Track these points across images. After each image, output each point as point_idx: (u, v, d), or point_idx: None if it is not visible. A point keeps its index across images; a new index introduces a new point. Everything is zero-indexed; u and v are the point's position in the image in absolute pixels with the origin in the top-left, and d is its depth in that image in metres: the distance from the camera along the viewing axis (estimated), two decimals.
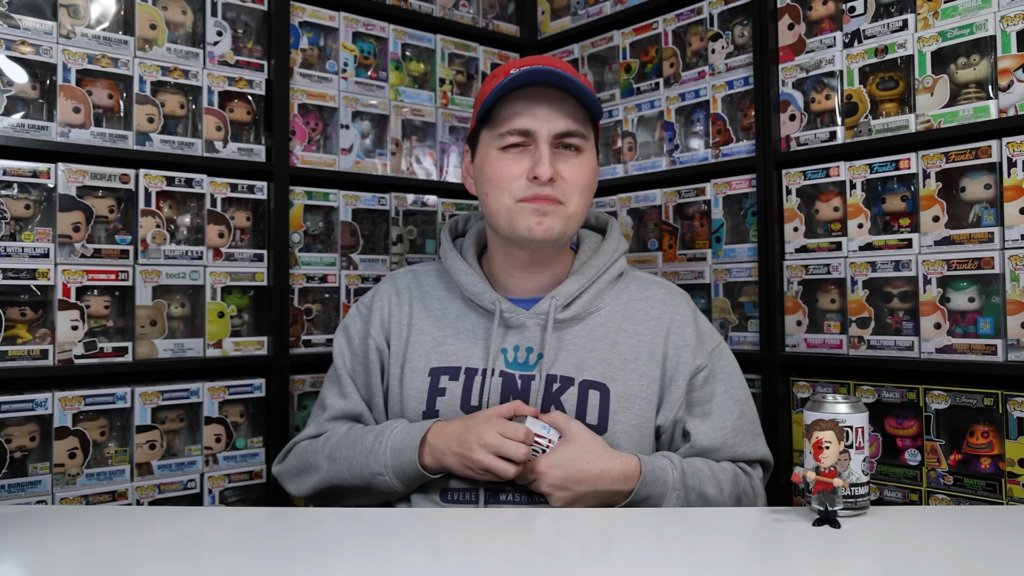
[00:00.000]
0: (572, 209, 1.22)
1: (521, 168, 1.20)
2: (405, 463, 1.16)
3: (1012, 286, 1.42)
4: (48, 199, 1.55)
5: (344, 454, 1.22)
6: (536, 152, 1.19)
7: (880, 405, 1.60)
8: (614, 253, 1.31)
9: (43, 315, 1.54)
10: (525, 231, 1.20)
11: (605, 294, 1.29)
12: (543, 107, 1.21)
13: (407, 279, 1.37)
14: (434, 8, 2.11)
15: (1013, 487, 1.41)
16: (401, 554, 0.93)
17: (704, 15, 1.92)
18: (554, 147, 1.21)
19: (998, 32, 1.46)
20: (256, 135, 1.83)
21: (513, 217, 1.20)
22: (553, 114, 1.20)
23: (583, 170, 1.23)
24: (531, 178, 1.19)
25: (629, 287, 1.32)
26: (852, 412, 1.02)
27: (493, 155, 1.23)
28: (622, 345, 1.25)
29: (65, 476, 1.53)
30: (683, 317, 1.29)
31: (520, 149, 1.21)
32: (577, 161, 1.23)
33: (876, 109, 1.64)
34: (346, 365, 1.35)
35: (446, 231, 1.38)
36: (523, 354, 1.23)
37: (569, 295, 1.25)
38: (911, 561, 0.89)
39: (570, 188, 1.21)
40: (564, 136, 1.21)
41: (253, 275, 1.78)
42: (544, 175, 1.18)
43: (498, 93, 1.20)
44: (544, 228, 1.19)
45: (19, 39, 1.52)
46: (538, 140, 1.20)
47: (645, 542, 0.98)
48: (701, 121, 1.96)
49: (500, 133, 1.22)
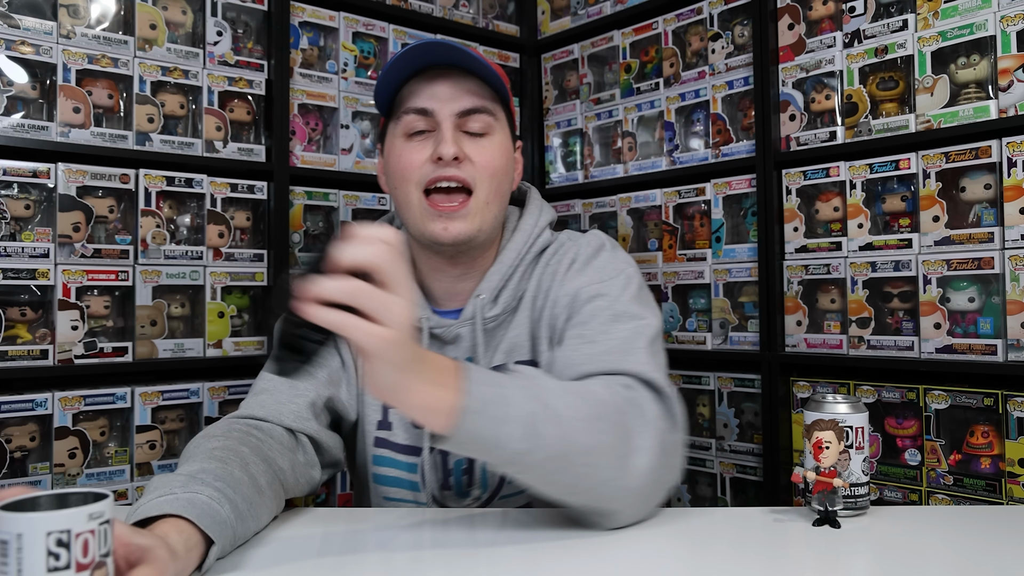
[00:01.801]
0: (483, 199, 1.11)
1: (424, 155, 1.10)
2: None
3: (1012, 286, 1.42)
4: (48, 199, 1.55)
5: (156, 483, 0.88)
6: (439, 133, 1.10)
7: (880, 405, 1.60)
8: (532, 229, 1.19)
9: (43, 315, 1.54)
10: (432, 235, 1.10)
11: (529, 274, 1.17)
12: (443, 86, 1.11)
13: None
14: (434, 8, 2.11)
15: (1013, 487, 1.41)
16: (402, 554, 0.93)
17: (704, 15, 1.92)
18: (460, 130, 1.12)
19: (998, 32, 1.46)
20: (256, 135, 1.83)
21: (420, 219, 1.11)
22: (455, 93, 1.11)
23: (493, 152, 1.12)
24: (435, 160, 1.09)
25: (549, 258, 1.18)
26: (852, 412, 1.02)
27: (398, 145, 1.14)
28: (546, 313, 1.14)
29: (65, 476, 1.53)
30: (582, 254, 1.15)
31: (424, 136, 1.12)
32: (486, 142, 1.12)
33: (876, 109, 1.64)
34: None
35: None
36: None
37: (494, 289, 1.14)
38: (911, 561, 0.89)
39: (478, 172, 1.10)
40: (469, 114, 1.11)
41: (253, 275, 1.78)
42: (448, 154, 1.08)
43: (387, 75, 1.11)
44: (452, 234, 1.09)
45: (19, 39, 1.52)
46: (440, 121, 1.10)
47: (645, 541, 0.98)
48: (701, 121, 1.96)
49: (399, 117, 1.13)
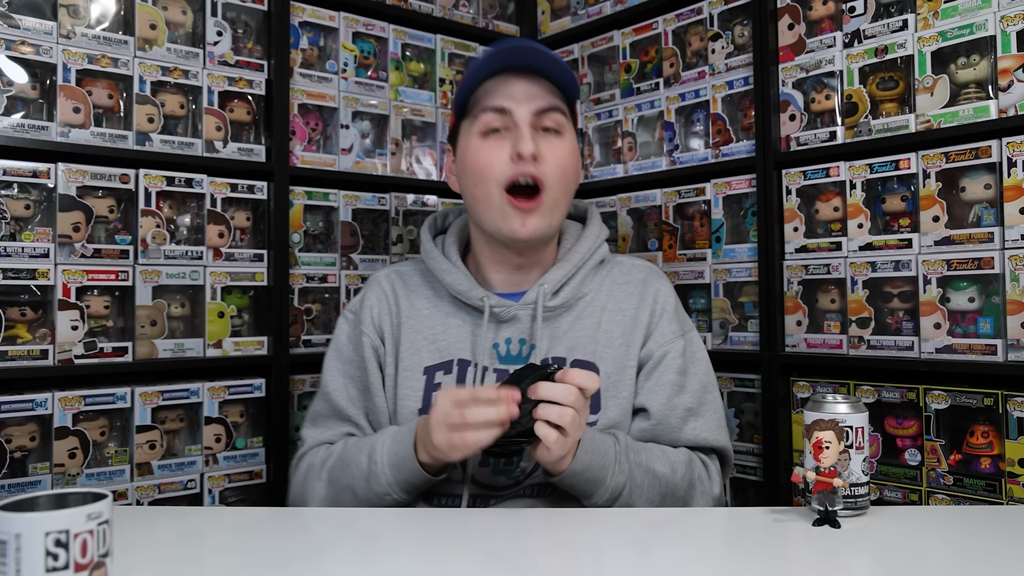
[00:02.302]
0: (554, 197, 1.20)
1: (503, 152, 1.18)
2: (408, 474, 1.11)
3: (1012, 286, 1.42)
4: (48, 199, 1.55)
5: (343, 480, 1.18)
6: (517, 132, 1.18)
7: (880, 405, 1.60)
8: (596, 239, 1.31)
9: (43, 315, 1.54)
10: (509, 232, 1.19)
11: (589, 280, 1.28)
12: (519, 85, 1.19)
13: (391, 280, 1.34)
14: (434, 8, 2.11)
15: (1013, 487, 1.41)
16: (402, 554, 0.93)
17: (704, 15, 1.92)
18: (535, 128, 1.19)
19: (998, 32, 1.46)
20: (256, 135, 1.83)
21: (499, 216, 1.19)
22: (530, 92, 1.19)
23: (564, 151, 1.21)
24: (514, 157, 1.17)
25: (612, 272, 1.31)
26: (852, 412, 1.02)
27: (474, 144, 1.21)
28: (607, 323, 1.25)
29: (65, 476, 1.53)
30: (666, 292, 1.30)
31: (500, 135, 1.19)
32: (559, 142, 1.21)
33: (876, 109, 1.64)
34: (336, 381, 1.30)
35: (426, 229, 1.35)
36: (516, 346, 1.23)
37: (557, 282, 1.24)
38: (911, 561, 0.89)
39: (551, 170, 1.18)
40: (544, 113, 1.19)
41: (253, 275, 1.78)
42: (527, 151, 1.16)
43: (472, 77, 1.19)
44: (529, 230, 1.18)
45: (19, 39, 1.52)
46: (517, 120, 1.18)
47: (645, 542, 0.98)
48: (701, 121, 1.96)
49: (476, 115, 1.20)
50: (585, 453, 1.08)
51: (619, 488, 1.11)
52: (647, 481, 1.13)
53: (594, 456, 1.09)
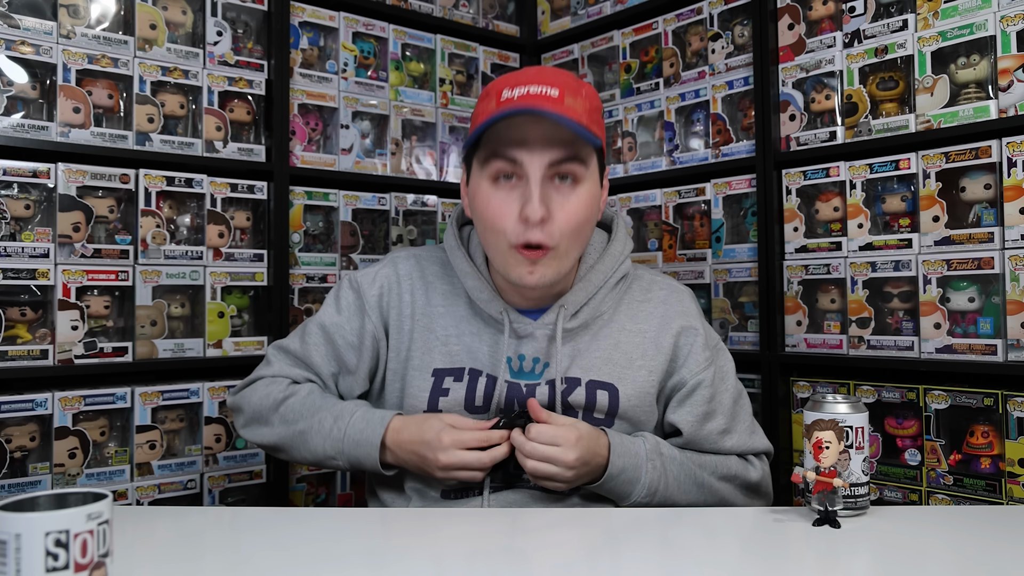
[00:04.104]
0: (564, 249, 1.14)
1: (512, 208, 1.11)
2: (363, 457, 1.15)
3: (1012, 286, 1.42)
4: (48, 199, 1.55)
5: (300, 424, 1.19)
6: (527, 189, 1.10)
7: (880, 405, 1.60)
8: (620, 255, 1.26)
9: (43, 315, 1.54)
10: (517, 278, 1.15)
11: (608, 298, 1.26)
12: (534, 130, 1.09)
13: (409, 266, 1.30)
14: (434, 8, 2.12)
15: (1013, 487, 1.41)
16: (402, 554, 0.93)
17: (704, 15, 1.92)
18: (549, 178, 1.12)
19: (998, 32, 1.46)
20: (256, 135, 1.83)
21: (506, 263, 1.15)
22: (547, 138, 1.09)
23: (577, 205, 1.13)
24: (522, 219, 1.11)
25: (631, 289, 1.29)
26: (852, 412, 1.02)
27: (484, 188, 1.14)
28: (626, 344, 1.23)
29: (65, 476, 1.53)
30: (692, 318, 1.27)
31: (511, 183, 1.12)
32: (573, 196, 1.13)
33: (876, 109, 1.64)
34: (326, 330, 1.28)
35: (452, 222, 1.30)
36: (529, 363, 1.21)
37: (577, 304, 1.22)
38: (911, 561, 0.89)
39: (560, 228, 1.12)
40: (559, 164, 1.11)
41: (253, 275, 1.78)
42: (534, 216, 1.09)
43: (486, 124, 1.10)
44: (536, 278, 1.14)
45: (19, 39, 1.52)
46: (528, 175, 1.10)
47: (645, 541, 0.98)
48: (701, 121, 1.96)
49: (488, 158, 1.12)
50: (618, 457, 1.12)
51: (655, 484, 1.14)
52: (682, 473, 1.16)
53: (627, 458, 1.13)
